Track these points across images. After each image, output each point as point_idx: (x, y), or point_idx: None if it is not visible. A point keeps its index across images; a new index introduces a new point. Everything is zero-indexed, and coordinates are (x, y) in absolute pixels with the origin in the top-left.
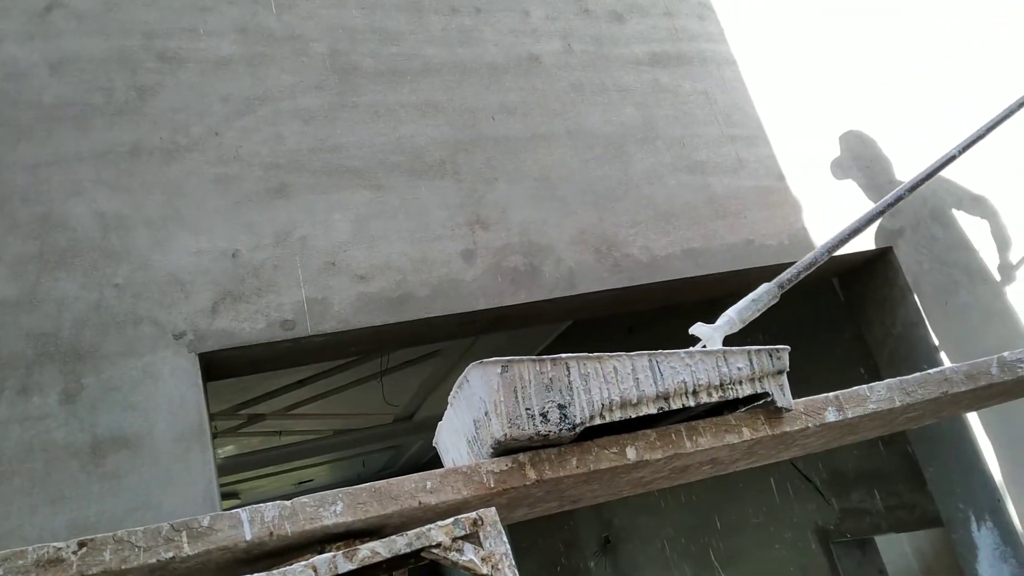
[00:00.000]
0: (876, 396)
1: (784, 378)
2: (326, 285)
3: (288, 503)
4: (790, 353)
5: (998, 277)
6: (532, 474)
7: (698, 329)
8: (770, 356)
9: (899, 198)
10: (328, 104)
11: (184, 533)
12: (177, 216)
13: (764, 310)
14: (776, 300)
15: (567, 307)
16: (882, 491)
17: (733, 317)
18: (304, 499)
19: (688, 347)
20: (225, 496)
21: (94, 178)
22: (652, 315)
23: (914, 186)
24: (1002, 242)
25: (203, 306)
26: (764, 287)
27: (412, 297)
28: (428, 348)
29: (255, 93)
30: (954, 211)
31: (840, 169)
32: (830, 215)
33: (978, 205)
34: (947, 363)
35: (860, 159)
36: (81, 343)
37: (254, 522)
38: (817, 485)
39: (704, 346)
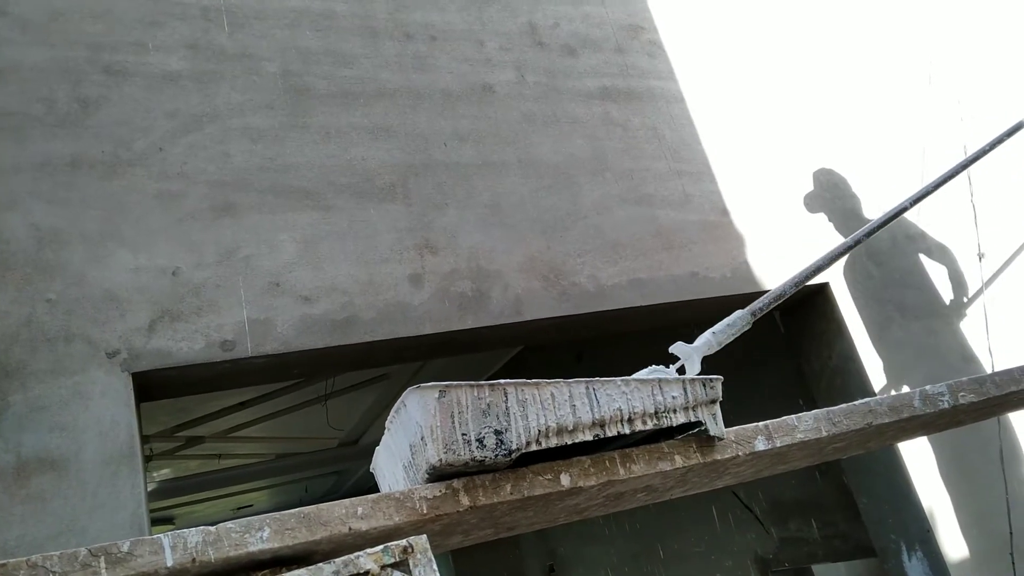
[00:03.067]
0: (804, 426)
1: (717, 407)
2: (269, 306)
3: (213, 528)
4: (732, 383)
5: (950, 299)
6: (466, 500)
7: (678, 348)
8: (704, 386)
9: (858, 241)
10: (278, 124)
11: (102, 558)
12: (116, 232)
13: (738, 335)
14: (749, 327)
15: (514, 333)
16: (819, 521)
17: (711, 339)
18: (230, 524)
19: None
20: (160, 521)
21: (31, 190)
22: (601, 342)
23: (871, 231)
24: (955, 278)
25: (139, 324)
26: (738, 313)
27: (357, 320)
28: (375, 371)
29: (203, 110)
30: (889, 249)
31: (812, 203)
32: (771, 250)
33: (916, 242)
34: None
35: (831, 195)
36: (9, 359)
37: (176, 548)
38: (757, 514)
39: (682, 364)
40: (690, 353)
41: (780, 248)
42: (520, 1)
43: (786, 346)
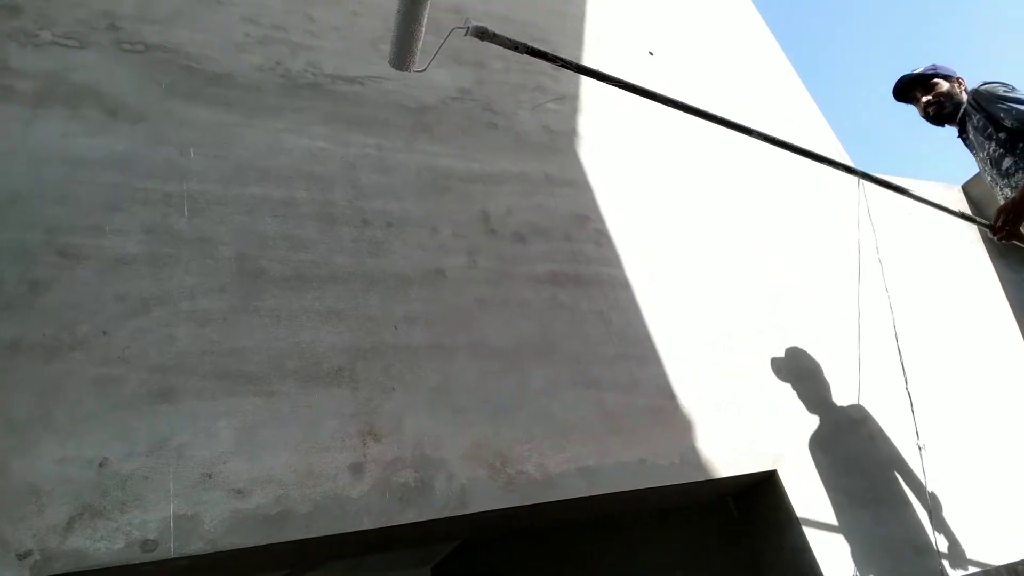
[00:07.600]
0: None
1: None
2: (199, 500)
3: None
4: (689, 572)
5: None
6: None
7: None
8: None
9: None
10: (229, 307)
11: None
12: (46, 419)
13: None
14: None
15: (457, 527)
16: None
17: None
18: None
19: (585, 564)
20: None
21: None
22: (549, 530)
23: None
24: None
25: (57, 521)
26: None
27: (291, 515)
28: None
29: (153, 293)
30: (832, 435)
31: (779, 372)
32: (717, 435)
33: (860, 426)
34: None
35: (799, 371)
36: None
37: None
38: None
39: None
40: None
41: (725, 434)
42: (475, 191)
43: (742, 534)
